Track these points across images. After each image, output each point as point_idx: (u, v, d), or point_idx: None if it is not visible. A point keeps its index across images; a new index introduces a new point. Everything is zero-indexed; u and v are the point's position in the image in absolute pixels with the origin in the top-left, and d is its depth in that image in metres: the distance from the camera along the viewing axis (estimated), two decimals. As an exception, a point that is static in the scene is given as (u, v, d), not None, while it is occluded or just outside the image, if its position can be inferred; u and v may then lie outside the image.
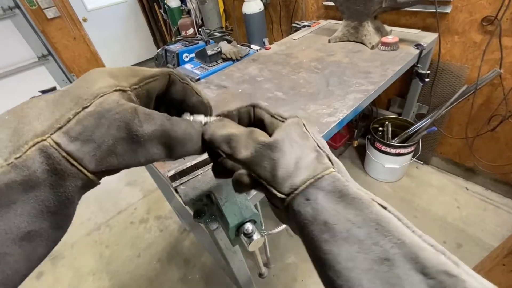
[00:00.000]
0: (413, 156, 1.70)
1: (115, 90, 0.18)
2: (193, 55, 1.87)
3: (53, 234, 0.17)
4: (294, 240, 1.58)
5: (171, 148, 0.21)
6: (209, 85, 1.23)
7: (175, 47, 1.97)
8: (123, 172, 0.22)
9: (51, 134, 0.16)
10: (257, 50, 1.53)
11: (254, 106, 0.26)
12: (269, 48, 1.50)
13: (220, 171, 0.27)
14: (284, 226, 1.40)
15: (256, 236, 0.46)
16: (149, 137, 0.19)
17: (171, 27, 3.19)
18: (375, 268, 0.16)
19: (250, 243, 0.45)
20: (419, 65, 1.29)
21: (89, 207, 1.98)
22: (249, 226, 0.46)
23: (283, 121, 0.24)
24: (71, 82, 3.54)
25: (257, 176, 0.21)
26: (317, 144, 0.22)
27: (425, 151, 1.78)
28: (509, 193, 1.60)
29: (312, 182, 0.19)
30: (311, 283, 1.40)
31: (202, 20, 2.57)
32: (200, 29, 2.26)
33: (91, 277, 1.59)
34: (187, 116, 0.25)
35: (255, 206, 1.23)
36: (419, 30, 1.41)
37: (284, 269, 1.47)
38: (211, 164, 0.28)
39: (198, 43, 1.98)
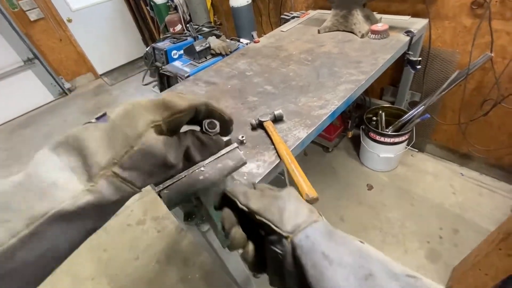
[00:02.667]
0: (408, 144, 1.70)
1: (152, 127, 0.24)
2: (182, 51, 1.83)
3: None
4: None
5: (194, 157, 0.31)
6: (197, 82, 1.20)
7: (163, 45, 1.93)
8: None
9: (111, 167, 0.22)
10: (246, 44, 1.50)
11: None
12: (258, 41, 1.47)
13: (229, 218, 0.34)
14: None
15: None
16: (177, 163, 0.27)
17: (159, 24, 3.13)
18: (363, 283, 0.21)
19: (240, 245, 0.44)
20: (410, 52, 1.28)
21: (84, 212, 1.96)
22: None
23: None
24: (59, 86, 3.48)
25: (266, 220, 0.28)
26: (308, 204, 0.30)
27: (419, 138, 1.78)
28: (504, 177, 1.61)
29: (310, 224, 0.26)
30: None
31: (189, 15, 2.51)
32: (188, 25, 2.21)
33: (90, 282, 1.58)
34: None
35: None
36: (409, 17, 1.39)
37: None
38: (197, 165, 0.34)
39: (186, 39, 1.93)
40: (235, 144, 0.49)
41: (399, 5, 1.45)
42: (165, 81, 1.88)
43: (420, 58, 1.26)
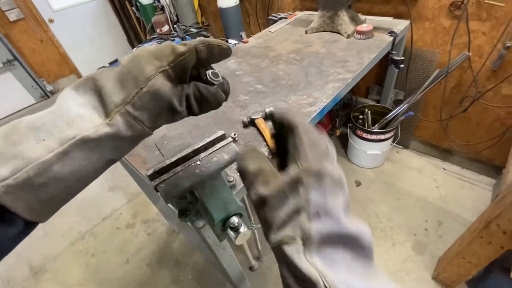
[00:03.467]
0: (393, 141, 1.76)
1: (159, 72, 0.26)
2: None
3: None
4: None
5: (194, 109, 0.30)
6: (187, 82, 1.20)
7: (150, 46, 1.91)
8: (105, 177, 0.35)
9: (125, 106, 0.25)
10: (235, 44, 1.51)
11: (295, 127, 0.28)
12: (247, 42, 1.48)
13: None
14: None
15: (243, 229, 0.45)
16: (182, 110, 0.29)
17: (145, 25, 3.09)
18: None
19: (237, 237, 0.45)
20: (393, 52, 1.33)
21: (70, 217, 1.90)
22: (235, 220, 0.45)
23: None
24: (41, 88, 3.37)
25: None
26: None
27: (404, 135, 1.85)
28: (483, 170, 1.69)
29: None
30: (303, 272, 1.42)
31: (177, 16, 2.50)
32: (175, 26, 2.20)
33: (78, 287, 1.53)
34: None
35: (243, 200, 1.23)
36: (392, 18, 1.44)
37: (276, 262, 1.48)
38: (193, 159, 0.37)
39: (174, 40, 1.92)
40: (230, 139, 0.50)
41: (382, 6, 1.50)
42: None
43: (403, 58, 1.31)
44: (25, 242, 0.25)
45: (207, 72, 0.31)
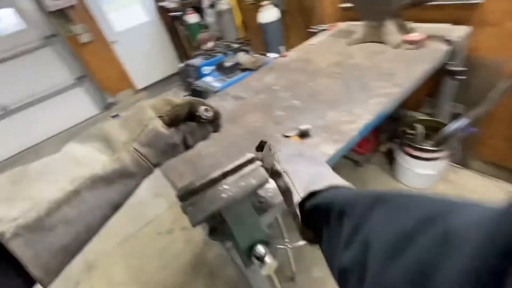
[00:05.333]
0: (451, 160, 1.56)
1: (158, 116, 0.30)
2: (213, 67, 1.91)
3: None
4: (320, 253, 1.50)
5: (188, 141, 0.35)
6: (225, 97, 1.23)
7: (196, 61, 2.03)
8: (150, 184, 0.36)
9: (131, 143, 0.27)
10: (274, 58, 1.52)
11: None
12: (286, 56, 1.48)
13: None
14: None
15: (268, 259, 0.43)
16: (180, 145, 0.34)
17: (191, 42, 3.31)
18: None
19: (262, 267, 0.43)
20: (451, 62, 1.19)
21: (119, 218, 2.07)
22: (260, 249, 0.43)
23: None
24: (105, 101, 3.82)
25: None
26: None
27: (463, 154, 1.63)
28: None
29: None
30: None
31: (220, 33, 2.63)
32: (218, 42, 2.31)
33: (122, 287, 1.65)
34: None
35: (276, 219, 1.20)
36: (448, 25, 1.30)
37: (310, 282, 1.40)
38: (221, 183, 0.44)
39: (217, 55, 2.02)
40: (259, 163, 0.49)
41: (436, 12, 1.37)
42: (197, 96, 1.96)
43: (463, 68, 1.17)
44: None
45: (200, 108, 0.35)
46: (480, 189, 1.61)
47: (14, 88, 3.20)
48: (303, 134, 0.85)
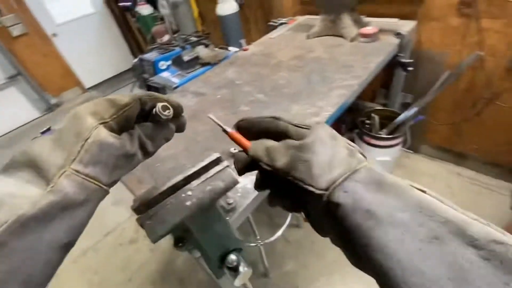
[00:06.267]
0: (403, 147, 1.68)
1: (100, 124, 0.23)
2: (170, 62, 1.79)
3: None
4: (291, 246, 1.52)
5: (147, 146, 0.28)
6: (185, 94, 1.16)
7: (151, 56, 1.88)
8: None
9: (70, 165, 0.21)
10: (235, 52, 1.47)
11: (276, 118, 0.28)
12: (247, 49, 1.44)
13: (260, 185, 0.29)
14: (280, 232, 1.34)
15: (242, 268, 0.39)
16: (136, 153, 0.26)
17: (145, 35, 3.09)
18: (425, 248, 0.16)
19: (235, 278, 0.39)
20: (401, 54, 1.26)
21: (73, 232, 1.87)
22: (232, 258, 0.39)
23: (308, 128, 0.26)
24: (46, 102, 3.39)
25: (294, 179, 0.23)
26: (347, 141, 0.25)
27: (414, 140, 1.76)
28: (500, 175, 1.60)
29: (349, 175, 0.21)
30: (313, 288, 1.35)
31: (177, 25, 2.48)
32: (175, 35, 2.18)
33: (80, 308, 1.49)
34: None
35: (247, 218, 1.17)
36: (398, 19, 1.38)
37: (283, 277, 1.41)
38: (184, 189, 0.36)
39: (174, 49, 1.89)
40: (226, 163, 0.44)
41: (387, 7, 1.45)
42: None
43: (411, 60, 1.25)
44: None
45: (157, 105, 0.28)
46: (430, 171, 1.76)
47: None
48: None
